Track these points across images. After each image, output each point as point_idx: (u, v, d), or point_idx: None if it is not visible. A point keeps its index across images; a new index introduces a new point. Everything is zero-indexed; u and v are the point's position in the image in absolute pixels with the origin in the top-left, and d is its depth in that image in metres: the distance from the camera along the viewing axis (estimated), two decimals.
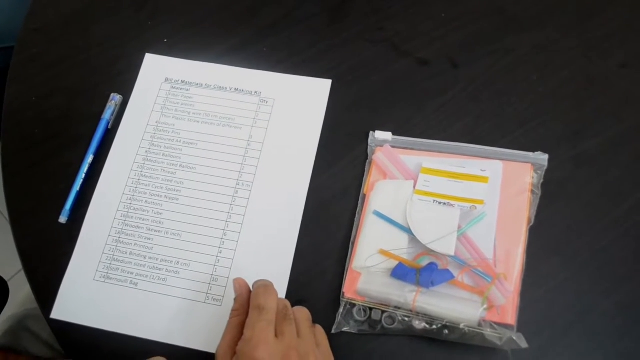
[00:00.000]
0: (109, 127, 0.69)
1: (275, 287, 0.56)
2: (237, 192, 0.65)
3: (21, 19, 0.79)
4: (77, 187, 0.66)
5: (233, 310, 0.54)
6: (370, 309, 0.58)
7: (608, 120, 0.65)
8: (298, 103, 0.69)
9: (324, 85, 0.69)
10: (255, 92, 0.70)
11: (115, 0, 0.78)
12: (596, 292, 0.58)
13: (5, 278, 0.84)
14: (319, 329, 0.55)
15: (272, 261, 0.62)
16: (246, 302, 0.54)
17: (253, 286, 0.55)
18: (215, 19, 0.75)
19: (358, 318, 0.58)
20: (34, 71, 0.74)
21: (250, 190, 0.65)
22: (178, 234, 0.64)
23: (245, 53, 0.72)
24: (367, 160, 0.65)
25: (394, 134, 0.65)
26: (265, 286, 0.54)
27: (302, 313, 0.55)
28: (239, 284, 0.55)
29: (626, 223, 0.60)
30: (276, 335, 0.50)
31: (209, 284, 0.61)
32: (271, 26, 0.74)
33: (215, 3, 0.77)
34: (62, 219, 0.65)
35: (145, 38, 0.75)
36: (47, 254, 0.65)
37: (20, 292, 0.79)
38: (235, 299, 0.55)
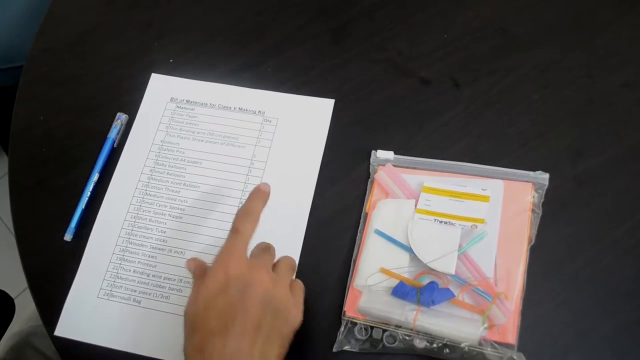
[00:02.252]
0: (115, 145, 0.70)
1: None
2: None
3: (30, 39, 0.80)
4: (82, 205, 0.67)
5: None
6: (372, 327, 0.58)
7: (609, 139, 0.65)
8: (301, 122, 0.70)
9: (326, 105, 0.70)
10: (259, 111, 0.71)
11: (122, 22, 0.80)
12: (597, 312, 0.57)
13: (13, 295, 0.85)
14: (299, 282, 0.57)
15: None
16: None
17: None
18: (220, 40, 0.77)
19: (359, 337, 0.58)
20: (42, 90, 0.76)
21: None
22: (181, 252, 0.64)
23: (250, 73, 0.73)
24: (369, 179, 0.65)
25: (395, 153, 0.66)
26: (246, 210, 0.56)
27: (287, 260, 0.57)
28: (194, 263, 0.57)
29: (627, 243, 0.60)
30: None
31: None
32: (275, 46, 0.75)
33: (220, 24, 0.78)
34: (67, 237, 0.65)
35: (152, 58, 0.76)
36: (52, 271, 0.65)
37: (27, 309, 0.79)
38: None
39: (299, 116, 0.70)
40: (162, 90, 0.74)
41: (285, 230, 0.64)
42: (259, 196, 0.58)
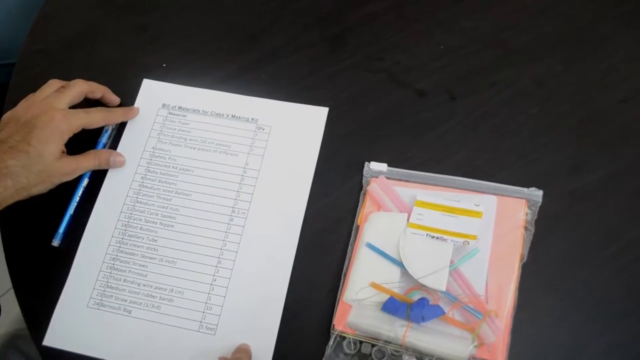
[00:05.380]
0: (110, 139, 0.70)
1: (268, 316, 0.57)
2: (232, 219, 0.65)
3: (22, 36, 0.79)
4: (70, 210, 0.66)
5: None
6: (361, 342, 0.58)
7: (606, 156, 0.64)
8: (295, 130, 0.69)
9: (320, 113, 0.70)
10: (252, 119, 0.70)
11: (116, 24, 0.79)
12: (589, 331, 0.57)
13: None
14: None
15: (266, 290, 0.62)
16: None
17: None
18: (215, 46, 0.76)
19: (348, 351, 0.58)
20: (33, 91, 0.73)
21: (245, 218, 0.65)
22: (173, 262, 0.64)
23: (244, 79, 0.73)
24: (362, 191, 0.65)
25: (389, 165, 0.65)
26: None
27: None
28: None
29: (621, 261, 0.60)
30: None
31: (203, 312, 0.61)
32: (270, 53, 0.74)
33: (215, 29, 0.77)
34: (55, 242, 0.65)
35: (145, 62, 0.75)
36: (40, 278, 0.65)
37: (12, 310, 0.78)
38: None
39: (292, 124, 0.70)
40: (153, 96, 0.73)
41: (277, 240, 0.64)
42: (244, 350, 0.59)
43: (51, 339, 0.61)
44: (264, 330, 0.60)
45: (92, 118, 0.66)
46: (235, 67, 0.74)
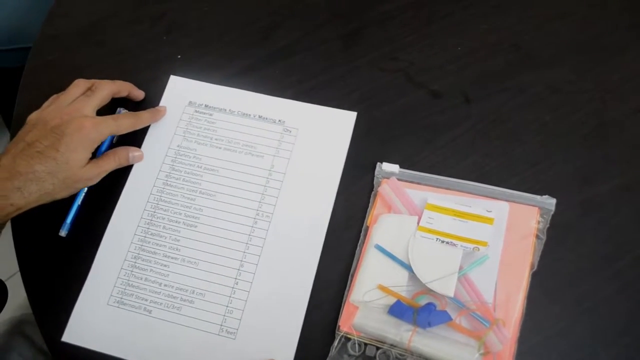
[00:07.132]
0: (114, 142, 0.70)
1: (290, 322, 0.58)
2: (256, 222, 0.65)
3: (37, 21, 0.79)
4: (78, 200, 0.67)
5: None
6: (365, 344, 0.59)
7: (619, 166, 0.64)
8: (322, 134, 0.69)
9: (348, 118, 0.69)
10: (279, 120, 0.70)
11: (131, 14, 0.79)
12: (594, 343, 0.58)
13: (3, 277, 0.79)
14: None
15: (288, 295, 0.62)
16: None
17: None
18: (229, 39, 0.76)
19: (352, 352, 0.59)
20: (47, 79, 0.74)
21: (269, 222, 0.65)
22: (195, 262, 0.64)
23: (257, 75, 0.73)
24: (373, 192, 0.65)
25: (401, 166, 0.65)
26: None
27: None
28: None
29: (630, 273, 0.60)
30: None
31: (224, 315, 0.62)
32: (283, 50, 0.74)
33: (229, 22, 0.77)
34: (63, 233, 0.66)
35: (159, 53, 0.75)
36: (46, 269, 0.65)
37: (19, 294, 0.75)
38: None
39: (320, 127, 0.69)
40: (180, 94, 0.72)
41: (301, 244, 0.64)
42: None
43: (70, 335, 0.62)
44: (285, 335, 0.60)
45: (121, 126, 0.67)
46: (248, 62, 0.73)
